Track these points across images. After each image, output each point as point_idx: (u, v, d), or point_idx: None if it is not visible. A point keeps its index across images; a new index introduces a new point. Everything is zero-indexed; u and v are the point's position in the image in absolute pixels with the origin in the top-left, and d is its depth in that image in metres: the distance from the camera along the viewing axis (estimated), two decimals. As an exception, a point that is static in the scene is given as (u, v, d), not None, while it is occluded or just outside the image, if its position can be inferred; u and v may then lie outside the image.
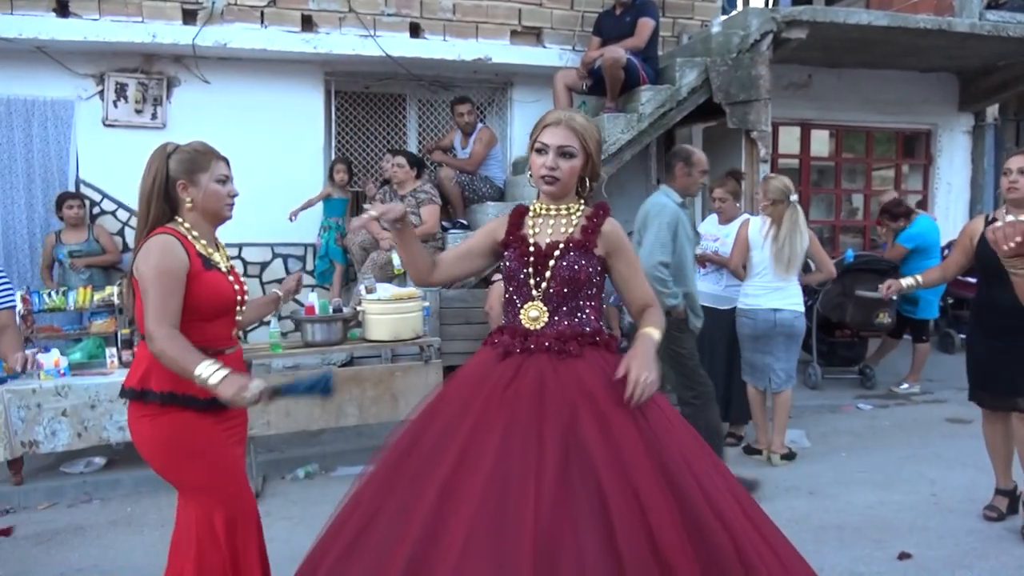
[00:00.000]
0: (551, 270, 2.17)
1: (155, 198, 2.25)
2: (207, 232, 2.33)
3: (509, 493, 1.87)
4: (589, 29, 6.65)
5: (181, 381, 2.13)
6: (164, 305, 2.10)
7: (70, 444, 4.29)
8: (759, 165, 6.30)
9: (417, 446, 2.10)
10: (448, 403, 2.17)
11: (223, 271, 2.32)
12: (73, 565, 3.47)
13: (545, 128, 2.19)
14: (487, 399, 2.07)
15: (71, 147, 6.10)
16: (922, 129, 8.20)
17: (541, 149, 2.19)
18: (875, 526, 3.65)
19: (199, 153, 2.30)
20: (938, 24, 6.37)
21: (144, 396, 2.19)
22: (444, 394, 2.23)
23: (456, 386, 2.21)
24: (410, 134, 7.17)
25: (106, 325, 4.92)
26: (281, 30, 6.13)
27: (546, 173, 2.18)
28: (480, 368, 2.21)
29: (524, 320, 2.19)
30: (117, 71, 6.12)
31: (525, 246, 2.22)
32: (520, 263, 2.20)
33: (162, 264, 2.13)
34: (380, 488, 2.10)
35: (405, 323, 4.59)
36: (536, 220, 2.27)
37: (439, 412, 2.16)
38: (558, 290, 2.17)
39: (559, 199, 2.25)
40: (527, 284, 2.20)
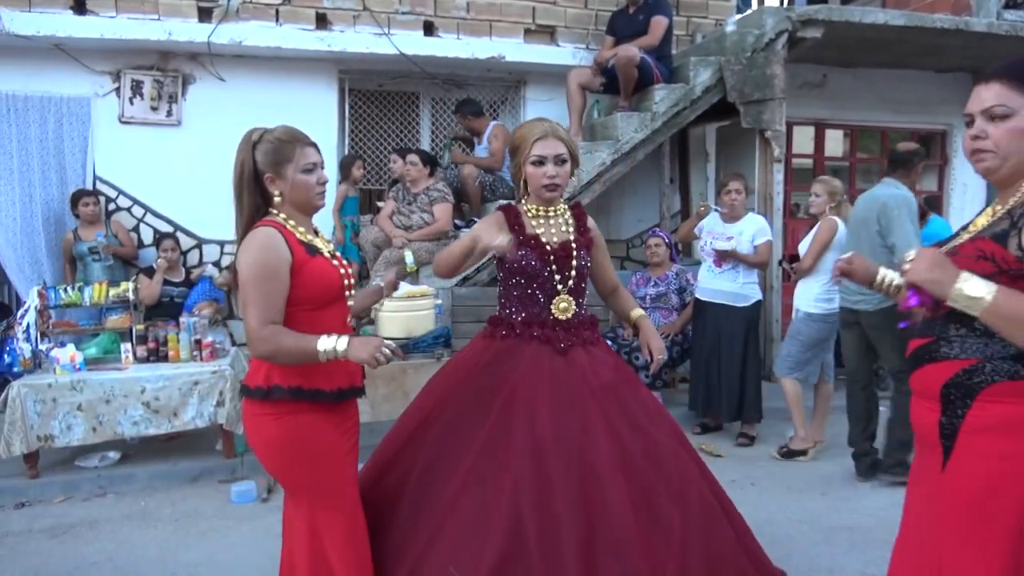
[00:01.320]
0: (574, 268, 2.48)
1: (245, 190, 2.19)
2: (304, 220, 2.25)
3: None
4: (603, 28, 6.64)
5: (307, 375, 2.09)
6: (265, 303, 2.02)
7: (85, 438, 4.33)
8: (773, 165, 6.28)
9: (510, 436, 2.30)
10: (520, 394, 2.36)
11: (327, 256, 2.23)
12: (87, 559, 3.50)
13: (536, 142, 2.43)
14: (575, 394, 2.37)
15: (87, 144, 6.15)
16: (938, 129, 8.14)
17: (539, 161, 2.43)
18: (887, 528, 3.61)
19: (283, 142, 2.20)
20: (955, 24, 6.32)
21: (271, 394, 2.10)
22: (510, 387, 2.39)
23: (523, 381, 2.38)
24: (423, 132, 7.19)
25: (121, 321, 4.96)
26: (296, 28, 6.15)
27: (548, 182, 2.44)
28: (540, 364, 2.41)
29: (555, 312, 2.48)
30: (133, 68, 6.17)
31: (543, 247, 2.46)
32: (542, 262, 2.44)
33: (261, 260, 2.05)
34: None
35: (417, 321, 4.58)
36: (537, 221, 2.52)
37: (510, 399, 2.36)
38: (578, 284, 2.51)
39: (553, 202, 2.53)
40: (551, 280, 2.47)
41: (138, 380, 4.38)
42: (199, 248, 6.35)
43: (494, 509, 2.13)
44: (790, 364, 4.76)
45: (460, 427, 2.34)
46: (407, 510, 2.27)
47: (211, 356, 4.64)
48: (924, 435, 1.77)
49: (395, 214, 5.96)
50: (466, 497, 2.18)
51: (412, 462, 2.36)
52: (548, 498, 2.15)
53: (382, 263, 5.67)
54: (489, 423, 2.30)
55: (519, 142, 2.49)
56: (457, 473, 2.24)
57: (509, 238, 2.36)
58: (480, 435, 2.28)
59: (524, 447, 2.22)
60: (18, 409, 4.18)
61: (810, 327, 4.67)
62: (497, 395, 2.35)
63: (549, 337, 2.44)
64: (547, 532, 2.10)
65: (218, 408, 4.47)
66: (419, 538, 2.17)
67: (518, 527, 2.09)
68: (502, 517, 2.10)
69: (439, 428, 2.37)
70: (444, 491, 2.23)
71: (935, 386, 1.71)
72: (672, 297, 5.57)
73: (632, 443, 2.32)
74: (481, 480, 2.20)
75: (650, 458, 2.33)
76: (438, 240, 5.85)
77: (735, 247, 4.91)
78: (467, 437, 2.30)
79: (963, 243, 1.74)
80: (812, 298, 4.64)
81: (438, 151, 6.85)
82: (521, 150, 2.47)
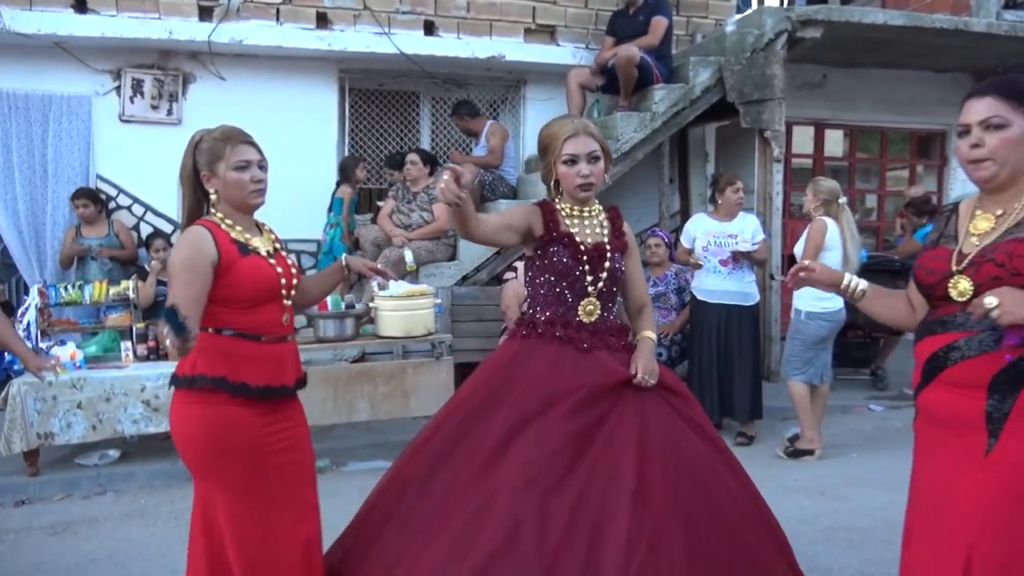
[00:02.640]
0: (607, 271, 2.38)
1: (187, 190, 2.25)
2: (243, 219, 2.24)
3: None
4: (603, 27, 6.65)
5: (234, 367, 2.11)
6: (183, 299, 2.01)
7: (85, 436, 4.34)
8: (772, 165, 6.29)
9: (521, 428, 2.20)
10: (531, 390, 2.25)
11: (264, 255, 2.22)
12: (87, 556, 3.51)
13: (568, 140, 2.33)
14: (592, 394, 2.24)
15: (88, 142, 6.15)
16: (937, 130, 8.15)
17: (571, 160, 2.33)
18: (885, 527, 3.63)
19: (217, 140, 2.21)
20: (955, 24, 6.32)
21: (195, 382, 2.11)
22: (521, 383, 2.28)
23: (534, 378, 2.28)
24: (423, 132, 7.19)
25: (121, 319, 4.97)
26: (296, 27, 6.16)
27: (582, 181, 2.34)
28: (562, 362, 2.29)
29: (581, 314, 2.36)
30: (134, 67, 6.18)
31: (576, 245, 2.36)
32: (575, 261, 2.34)
33: (185, 258, 2.09)
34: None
35: (417, 320, 4.61)
36: (572, 220, 2.41)
37: (519, 394, 2.26)
38: (609, 288, 2.40)
39: (588, 202, 2.42)
40: (581, 281, 2.36)
41: (138, 378, 4.39)
42: (199, 247, 6.36)
43: (492, 509, 2.06)
44: (795, 365, 4.77)
45: (471, 428, 2.26)
46: (409, 511, 2.23)
47: (211, 354, 4.64)
48: (962, 420, 1.80)
49: (395, 213, 5.97)
50: (467, 496, 2.13)
51: (420, 465, 2.31)
52: (554, 500, 2.04)
53: (382, 262, 5.67)
54: (498, 421, 2.21)
55: (548, 141, 2.38)
56: (463, 473, 2.18)
57: (471, 172, 2.30)
58: (490, 434, 2.20)
59: (533, 446, 2.13)
60: (18, 407, 4.19)
61: (809, 326, 4.70)
62: (512, 392, 2.25)
63: (572, 337, 2.33)
64: (548, 536, 1.99)
65: (218, 406, 4.47)
66: (419, 536, 2.15)
67: (514, 529, 1.99)
68: (500, 517, 2.03)
69: (450, 429, 2.31)
70: (450, 490, 2.18)
71: (985, 376, 1.75)
72: (671, 297, 5.58)
73: (657, 447, 2.17)
74: (485, 480, 2.13)
75: (678, 470, 2.16)
76: (438, 239, 5.86)
77: (754, 248, 4.96)
78: (476, 438, 2.23)
79: (991, 246, 1.79)
80: (811, 297, 4.65)
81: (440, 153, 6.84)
82: (551, 149, 2.37)
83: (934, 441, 1.90)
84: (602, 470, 2.11)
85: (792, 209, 7.61)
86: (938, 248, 1.93)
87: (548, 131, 2.40)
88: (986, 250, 1.79)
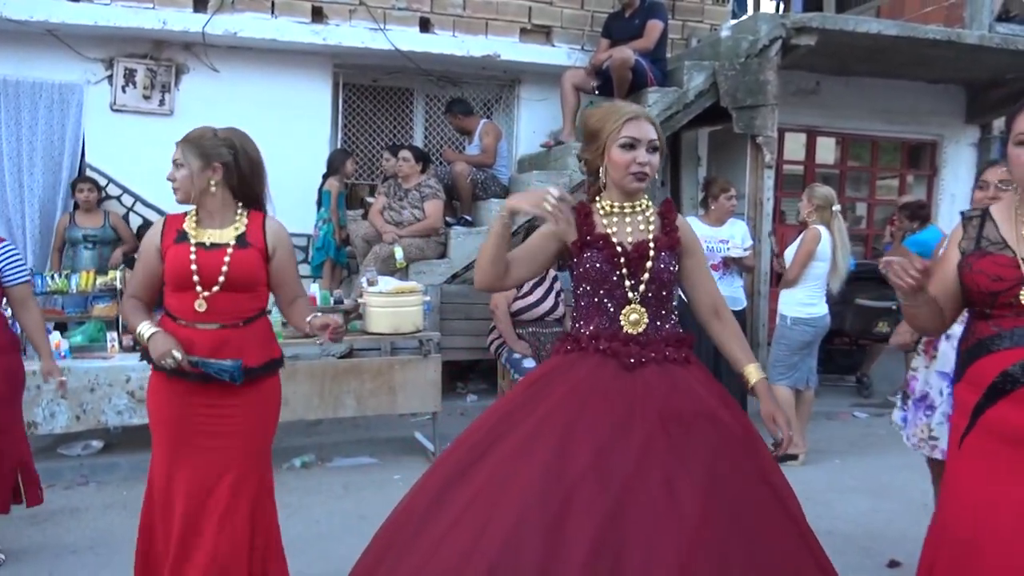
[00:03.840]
0: (649, 272, 2.10)
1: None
2: (207, 211, 2.47)
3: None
4: (599, 29, 6.66)
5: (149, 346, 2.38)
6: (132, 279, 2.57)
7: (68, 426, 4.31)
8: (763, 171, 6.31)
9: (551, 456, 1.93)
10: (570, 413, 1.98)
11: (192, 246, 2.39)
12: (68, 547, 3.49)
13: (628, 122, 2.07)
14: (629, 418, 1.95)
15: (79, 131, 6.11)
16: (928, 140, 8.19)
17: (629, 144, 2.06)
18: (866, 534, 3.66)
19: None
20: (948, 35, 6.36)
21: (142, 354, 2.45)
22: (558, 402, 2.02)
23: (572, 393, 2.02)
24: (416, 129, 7.19)
25: (108, 309, 4.93)
26: (291, 21, 6.14)
27: (638, 169, 2.07)
28: (598, 377, 2.04)
29: (625, 324, 2.09)
30: (126, 56, 6.14)
31: (612, 246, 2.10)
32: (611, 264, 2.09)
33: (142, 244, 2.53)
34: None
35: (405, 317, 4.61)
36: (610, 219, 2.15)
37: (558, 416, 1.99)
38: (656, 292, 2.11)
39: (636, 196, 2.16)
40: (621, 287, 2.09)
41: (123, 369, 4.36)
42: (188, 238, 6.32)
43: (496, 521, 1.83)
44: (780, 370, 4.80)
45: (491, 443, 2.03)
46: (416, 527, 2.00)
47: (198, 347, 4.62)
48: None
49: (386, 210, 5.96)
50: (470, 513, 1.89)
51: (427, 484, 2.09)
52: (563, 529, 1.78)
53: (372, 258, 5.67)
54: (516, 437, 1.98)
55: (599, 124, 2.11)
56: (468, 490, 1.95)
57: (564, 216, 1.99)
58: (504, 448, 1.97)
59: (549, 469, 1.86)
60: (1, 395, 4.15)
61: (794, 331, 4.73)
62: (538, 407, 2.01)
63: (617, 351, 2.04)
64: (554, 559, 1.75)
65: (203, 399, 4.45)
66: (422, 551, 1.92)
67: (517, 544, 1.77)
68: (502, 530, 1.80)
69: (471, 442, 2.07)
70: (453, 508, 1.95)
71: None
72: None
73: (698, 489, 1.85)
74: (491, 497, 1.89)
75: (725, 516, 1.85)
76: (428, 237, 5.86)
77: (745, 253, 4.99)
78: (492, 452, 2.00)
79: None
80: (796, 303, 4.70)
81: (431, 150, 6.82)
82: (605, 131, 2.09)
83: (1018, 461, 1.82)
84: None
85: (782, 216, 7.65)
86: (994, 255, 1.86)
87: (601, 112, 2.14)
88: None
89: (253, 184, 2.49)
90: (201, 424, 2.41)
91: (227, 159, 2.43)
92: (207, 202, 2.44)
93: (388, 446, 4.99)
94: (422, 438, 5.05)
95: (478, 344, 5.67)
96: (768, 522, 1.93)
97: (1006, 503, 1.82)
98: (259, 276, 2.45)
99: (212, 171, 2.42)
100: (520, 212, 2.03)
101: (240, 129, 2.58)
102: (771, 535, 1.91)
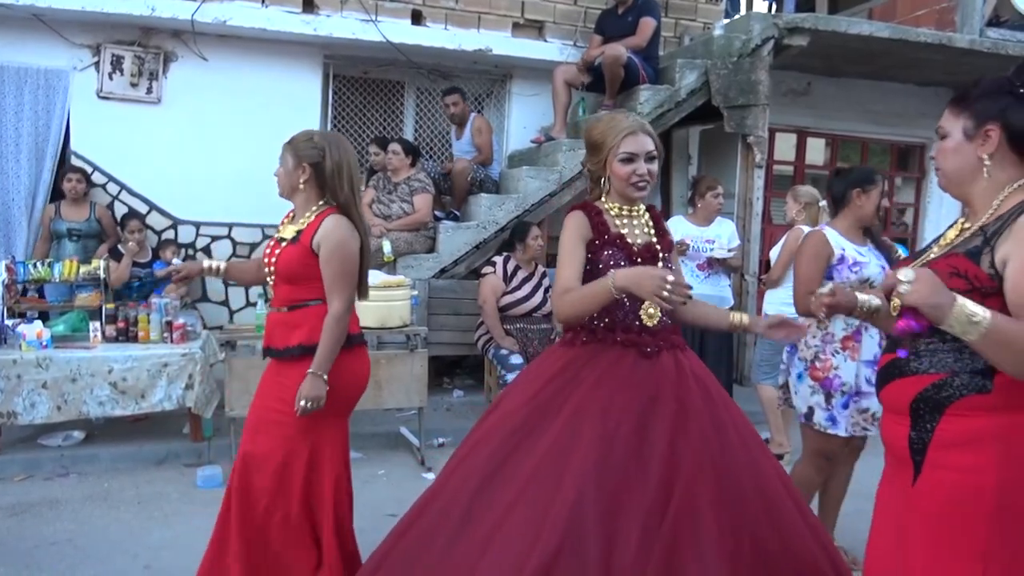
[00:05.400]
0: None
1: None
2: (298, 208, 2.73)
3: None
4: (591, 25, 6.64)
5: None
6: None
7: (49, 417, 4.25)
8: (754, 170, 6.32)
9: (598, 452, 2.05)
10: (610, 403, 2.12)
11: (276, 240, 2.72)
12: (47, 538, 3.45)
13: (627, 137, 2.25)
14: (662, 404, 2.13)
15: (64, 117, 6.04)
16: (916, 142, 8.23)
17: (628, 158, 2.26)
18: (848, 533, 3.67)
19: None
20: (939, 39, 6.39)
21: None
22: (589, 391, 2.15)
23: (601, 382, 2.16)
24: (407, 122, 7.14)
25: (91, 299, 4.88)
26: (282, 10, 6.08)
27: (638, 180, 2.27)
28: (621, 366, 2.19)
29: (645, 318, 2.26)
30: (114, 43, 6.06)
31: (629, 246, 2.29)
32: (630, 262, 2.26)
33: None
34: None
35: (392, 311, 4.58)
36: (620, 221, 2.34)
37: (595, 410, 2.11)
38: None
39: (636, 201, 2.36)
40: None
41: (106, 360, 4.32)
42: (174, 228, 6.26)
43: (551, 512, 1.92)
44: (765, 369, 4.81)
45: (524, 437, 2.13)
46: (461, 520, 2.06)
47: (182, 339, 4.59)
48: (894, 449, 1.78)
49: (374, 203, 5.92)
50: (523, 503, 1.98)
51: (468, 475, 2.14)
52: (617, 511, 1.93)
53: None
54: (555, 429, 2.09)
55: (601, 137, 2.29)
56: (515, 481, 2.04)
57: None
58: (544, 442, 2.07)
59: (593, 456, 2.00)
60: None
61: None
62: (568, 400, 2.14)
63: (635, 341, 2.22)
64: (613, 543, 1.89)
65: (187, 391, 4.41)
66: (474, 543, 1.99)
67: (578, 530, 1.89)
68: (559, 519, 1.90)
69: (500, 439, 2.16)
70: (502, 499, 2.03)
71: (904, 401, 1.72)
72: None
73: (722, 460, 2.07)
74: (541, 488, 1.99)
75: (742, 481, 2.07)
76: (417, 231, 5.83)
77: (730, 255, 4.98)
78: (530, 445, 2.09)
79: (935, 259, 1.76)
80: (780, 303, 4.70)
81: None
82: (605, 145, 2.28)
83: (888, 465, 1.87)
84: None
85: (772, 215, 7.67)
86: (914, 257, 1.92)
87: (600, 127, 2.31)
88: (931, 263, 1.76)
89: (335, 186, 2.65)
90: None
91: (315, 160, 2.64)
92: (297, 199, 2.71)
93: (373, 441, 4.97)
94: (408, 433, 5.03)
95: (465, 339, 5.65)
96: (784, 511, 2.11)
97: (879, 522, 1.87)
98: (297, 270, 2.61)
99: (301, 171, 2.65)
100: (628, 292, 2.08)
101: (338, 134, 2.89)
102: (789, 523, 2.09)
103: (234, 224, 6.32)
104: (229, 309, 6.46)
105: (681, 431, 2.07)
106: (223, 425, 4.49)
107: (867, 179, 3.26)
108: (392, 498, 3.86)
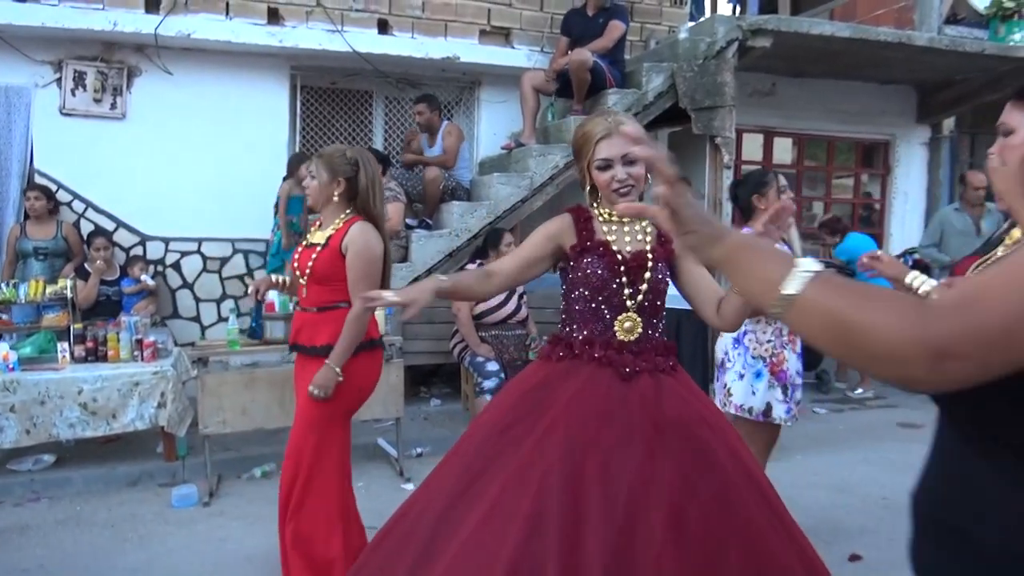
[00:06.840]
0: (648, 282, 2.14)
1: None
2: (327, 217, 2.96)
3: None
4: (557, 31, 6.66)
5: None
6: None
7: (18, 441, 4.17)
8: (722, 171, 6.37)
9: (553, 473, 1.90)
10: (576, 422, 1.98)
11: (304, 245, 2.96)
12: (17, 565, 3.38)
13: (600, 142, 2.12)
14: (631, 427, 1.96)
15: (27, 135, 5.93)
16: (881, 139, 8.36)
17: (604, 165, 2.13)
18: (828, 528, 3.71)
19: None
20: (898, 37, 6.50)
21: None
22: (559, 414, 2.00)
23: (572, 405, 2.01)
24: (376, 131, 7.12)
25: (58, 319, 4.80)
26: (246, 22, 6.04)
27: (618, 186, 2.12)
28: (596, 387, 2.04)
29: (618, 331, 2.12)
30: (76, 59, 5.98)
31: (612, 254, 2.14)
32: (611, 272, 2.12)
33: None
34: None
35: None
36: (609, 227, 2.20)
37: (561, 428, 1.97)
38: (652, 302, 2.15)
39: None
40: (619, 294, 2.13)
41: (75, 380, 4.24)
42: (143, 245, 6.17)
43: (511, 536, 1.79)
44: None
45: (493, 458, 1.99)
46: (425, 541, 1.94)
47: (152, 356, 4.52)
48: None
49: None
50: (487, 529, 1.84)
51: (436, 494, 2.02)
52: (579, 541, 1.77)
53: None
54: (523, 452, 1.94)
55: (581, 143, 2.18)
56: (480, 505, 1.90)
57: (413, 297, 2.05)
58: (511, 465, 1.93)
59: (558, 484, 1.85)
60: (-54, 410, 4.01)
61: None
62: (539, 422, 1.99)
63: (612, 360, 2.07)
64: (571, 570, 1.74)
65: (159, 410, 4.35)
66: (436, 567, 1.87)
67: (540, 554, 1.75)
68: (519, 543, 1.77)
69: (470, 458, 2.04)
70: (465, 523, 1.89)
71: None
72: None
73: (700, 493, 1.88)
74: (505, 513, 1.85)
75: (721, 514, 1.88)
76: (389, 240, 5.78)
77: None
78: (496, 469, 1.95)
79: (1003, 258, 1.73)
80: None
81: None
82: (583, 153, 2.17)
83: None
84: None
85: (741, 215, 7.74)
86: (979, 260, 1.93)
87: (582, 131, 2.19)
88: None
89: (367, 198, 2.88)
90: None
91: (350, 175, 2.86)
92: (327, 209, 2.91)
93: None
94: (385, 444, 5.00)
95: (440, 348, 5.63)
96: (764, 528, 1.96)
97: None
98: (328, 272, 2.83)
99: (336, 184, 2.85)
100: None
101: (364, 149, 3.10)
102: (770, 542, 1.94)
103: (204, 239, 6.24)
104: (201, 325, 6.38)
105: (650, 460, 1.90)
106: (197, 443, 4.43)
107: (760, 183, 3.36)
108: (371, 510, 3.81)
